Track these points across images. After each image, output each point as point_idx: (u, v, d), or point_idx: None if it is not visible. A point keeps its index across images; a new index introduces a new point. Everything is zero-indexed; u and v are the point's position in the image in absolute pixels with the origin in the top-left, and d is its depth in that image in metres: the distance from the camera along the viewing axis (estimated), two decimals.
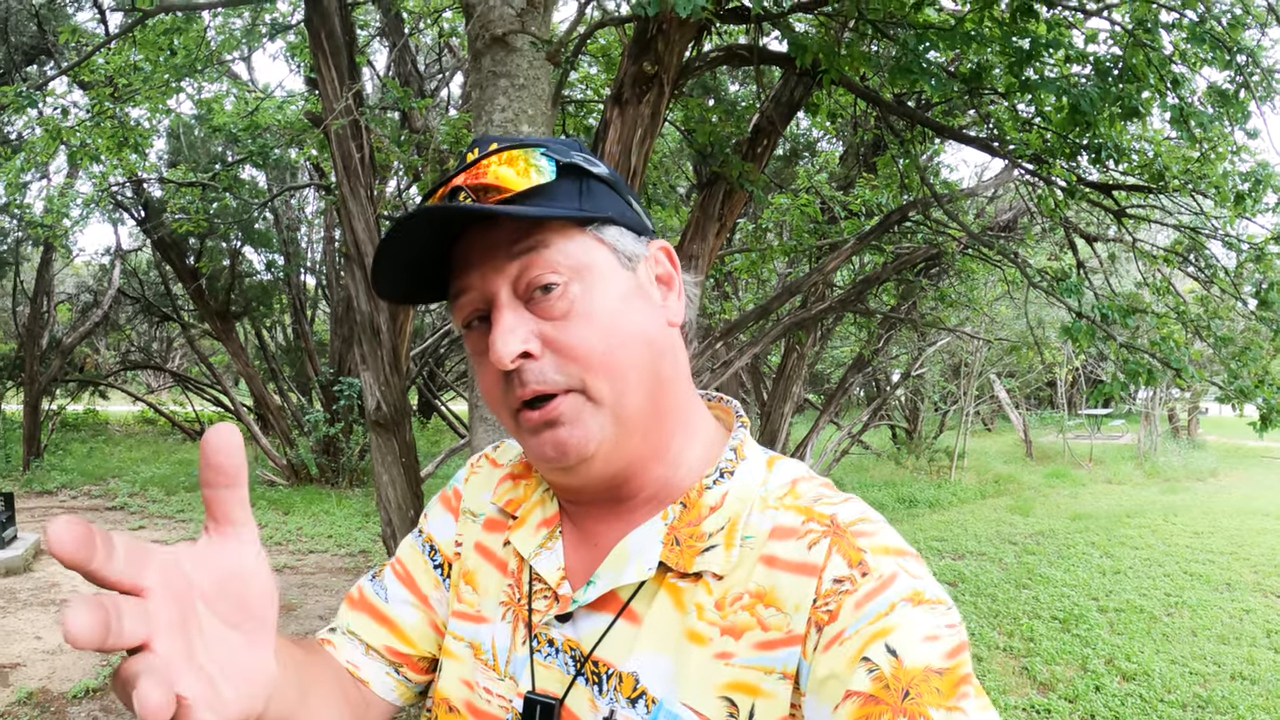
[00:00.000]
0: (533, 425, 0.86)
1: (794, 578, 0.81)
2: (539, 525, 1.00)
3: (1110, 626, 7.12)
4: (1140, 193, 5.40)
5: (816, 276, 7.49)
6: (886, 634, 0.74)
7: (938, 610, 0.76)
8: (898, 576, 0.78)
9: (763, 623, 0.81)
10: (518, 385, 0.85)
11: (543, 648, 0.92)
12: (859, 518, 0.84)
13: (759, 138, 5.93)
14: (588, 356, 0.84)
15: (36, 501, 11.90)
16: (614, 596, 0.89)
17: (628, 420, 0.87)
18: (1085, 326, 4.47)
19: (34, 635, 6.57)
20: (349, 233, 4.81)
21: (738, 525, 0.87)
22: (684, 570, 0.86)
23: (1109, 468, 16.90)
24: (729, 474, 0.92)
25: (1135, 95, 3.86)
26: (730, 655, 0.81)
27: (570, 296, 0.85)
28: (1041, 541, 10.44)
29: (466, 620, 1.01)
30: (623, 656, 0.86)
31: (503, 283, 0.85)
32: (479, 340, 0.89)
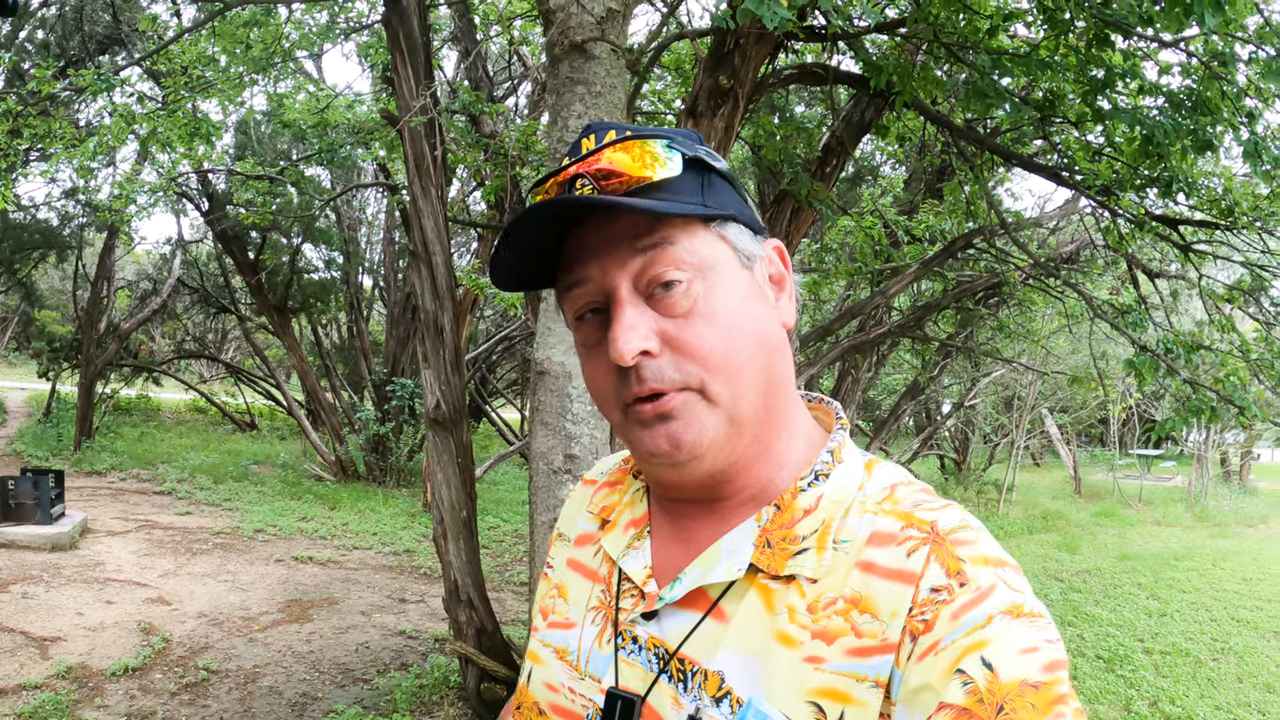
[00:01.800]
0: (645, 418, 0.84)
1: (890, 585, 0.79)
2: (628, 526, 1.01)
3: (1155, 669, 6.99)
4: (1208, 229, 5.33)
5: (878, 300, 7.47)
6: (982, 646, 0.72)
7: (1037, 624, 0.74)
8: (996, 588, 0.75)
9: (857, 629, 0.79)
10: (634, 382, 0.83)
11: (627, 645, 0.92)
12: (959, 525, 0.81)
13: (829, 157, 5.93)
14: (708, 357, 0.83)
15: (85, 481, 12.14)
16: (702, 595, 0.88)
17: (740, 421, 0.86)
18: (1149, 360, 4.42)
19: (76, 611, 6.68)
20: (418, 231, 4.86)
21: (830, 529, 0.85)
22: (775, 572, 0.85)
23: (1158, 509, 16.59)
24: (824, 476, 0.90)
25: (1209, 128, 3.82)
26: (821, 660, 0.79)
27: (693, 295, 0.83)
28: (1088, 580, 10.27)
29: (555, 628, 1.02)
30: (709, 655, 0.84)
31: (624, 277, 0.84)
32: (592, 333, 0.88)
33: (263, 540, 9.67)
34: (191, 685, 5.56)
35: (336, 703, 5.50)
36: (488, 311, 18.54)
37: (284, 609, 7.27)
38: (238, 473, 13.24)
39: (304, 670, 5.99)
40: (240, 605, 7.25)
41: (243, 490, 12.22)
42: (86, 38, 13.42)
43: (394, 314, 14.50)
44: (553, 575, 1.11)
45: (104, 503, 10.92)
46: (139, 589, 7.43)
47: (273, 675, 5.86)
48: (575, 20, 4.03)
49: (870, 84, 4.69)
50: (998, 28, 4.56)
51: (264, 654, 6.22)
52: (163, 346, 23.54)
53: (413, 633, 6.95)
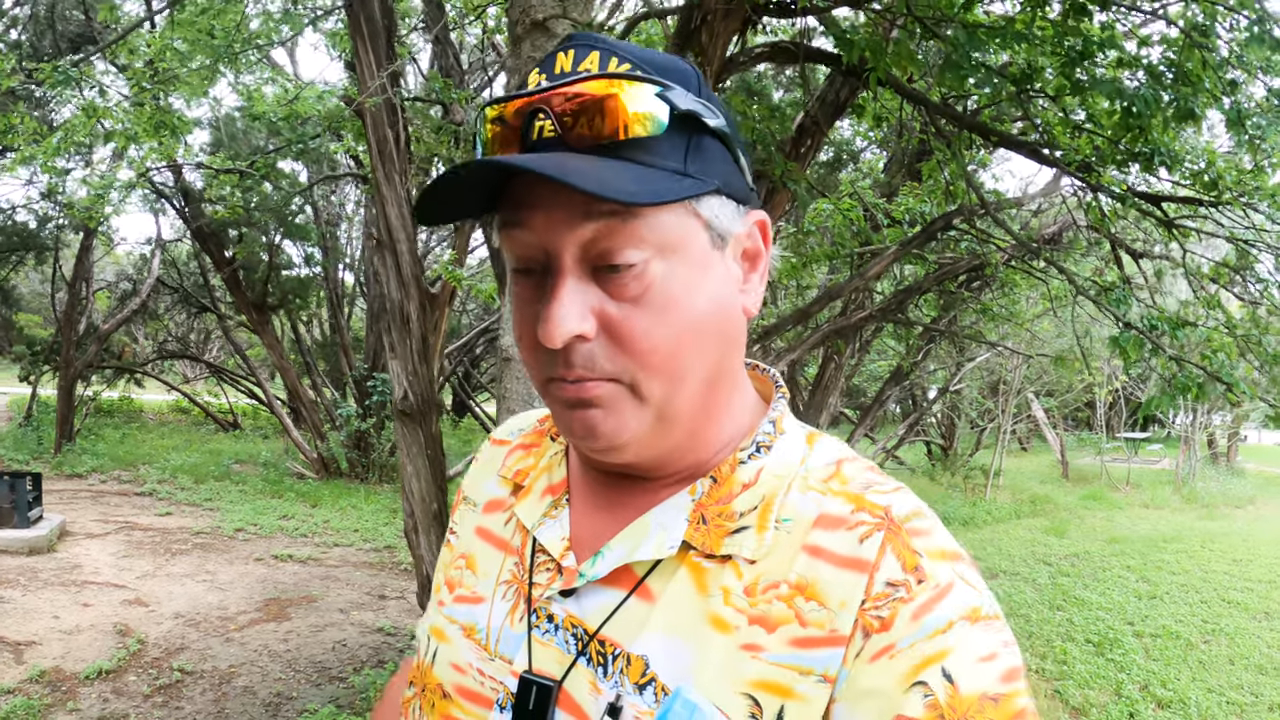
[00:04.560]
0: (565, 398, 0.76)
1: (840, 572, 0.73)
2: (544, 492, 0.91)
3: (1146, 652, 6.94)
4: (1191, 205, 5.25)
5: (858, 282, 7.38)
6: (943, 657, 0.68)
7: (994, 627, 0.71)
8: (954, 586, 0.71)
9: (801, 617, 0.73)
10: (560, 364, 0.74)
11: (541, 624, 0.83)
12: (913, 512, 0.76)
13: (803, 137, 5.84)
14: (648, 354, 0.73)
15: (66, 484, 12.00)
16: (627, 572, 0.80)
17: (672, 418, 0.77)
18: (1134, 338, 4.33)
19: (52, 615, 6.58)
20: (381, 218, 4.76)
21: (772, 507, 0.78)
22: (710, 551, 0.77)
23: (1146, 492, 16.60)
24: (766, 449, 0.82)
25: (1191, 97, 3.72)
26: (760, 648, 0.73)
27: (646, 280, 0.72)
28: (1076, 563, 10.24)
29: (462, 603, 0.92)
30: (632, 637, 0.77)
31: (572, 243, 0.71)
32: (527, 289, 0.76)
33: (243, 539, 9.56)
34: (166, 687, 5.47)
35: (310, 702, 5.41)
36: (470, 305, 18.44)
37: (262, 608, 7.17)
38: (219, 472, 13.13)
39: (280, 669, 5.90)
40: (218, 605, 7.15)
41: (224, 490, 12.12)
42: (59, 36, 13.26)
43: (374, 309, 14.39)
44: (457, 543, 1.00)
45: (84, 505, 10.76)
46: (116, 591, 7.32)
47: (248, 675, 5.76)
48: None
49: (842, 60, 4.60)
50: (972, 1, 4.47)
51: (240, 654, 6.12)
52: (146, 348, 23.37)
53: (390, 629, 6.86)
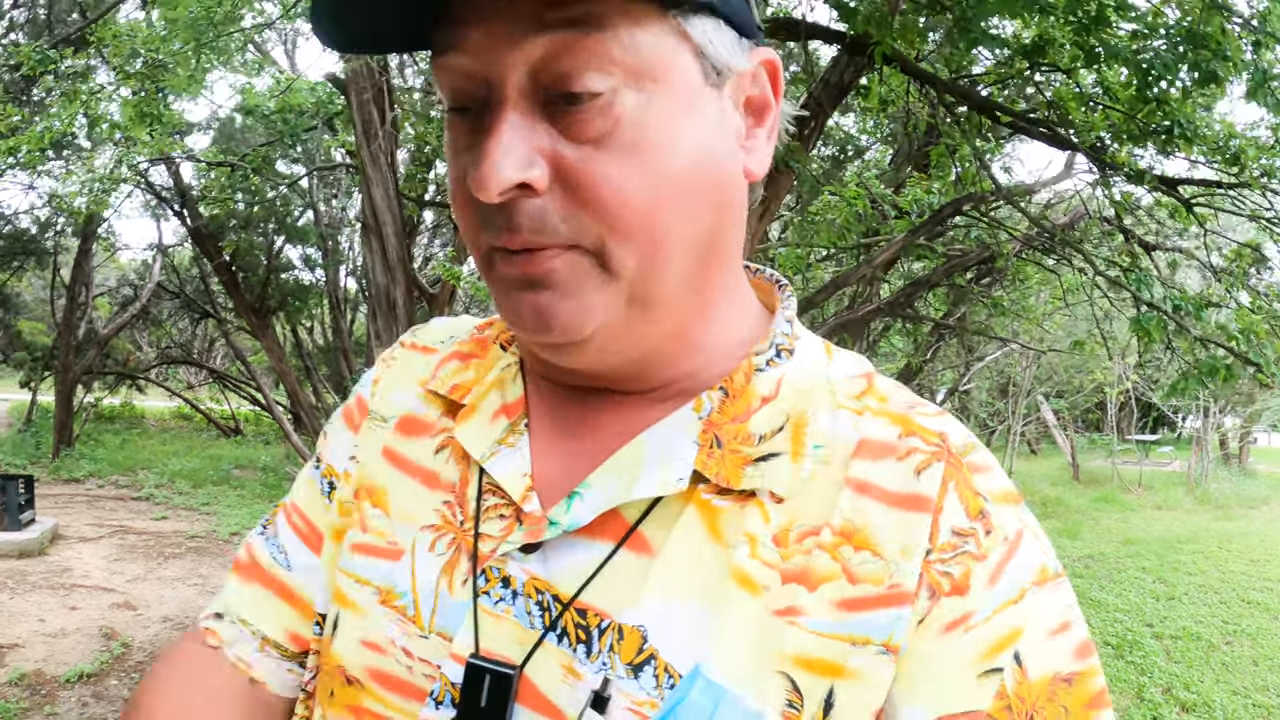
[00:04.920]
0: (510, 277, 0.57)
1: (896, 513, 0.58)
2: (496, 414, 0.68)
3: (1167, 654, 6.76)
4: (1210, 186, 5.07)
5: (865, 269, 7.21)
6: (1017, 637, 0.57)
7: (1061, 587, 0.60)
8: (1023, 539, 0.59)
9: (849, 572, 0.57)
10: (503, 226, 0.55)
11: (493, 587, 0.62)
12: (970, 444, 0.62)
13: (806, 118, 5.66)
14: (617, 208, 0.54)
15: (62, 489, 11.94)
16: (614, 517, 0.60)
17: (651, 304, 0.58)
18: (1156, 318, 4.13)
19: (38, 618, 6.46)
20: (367, 201, 4.61)
21: (805, 425, 0.61)
22: (727, 484, 0.59)
23: (1159, 493, 16.39)
24: (787, 353, 0.65)
25: (1212, 60, 3.52)
26: (799, 613, 0.56)
27: (616, 112, 0.54)
28: (1091, 565, 10.04)
29: (371, 554, 0.68)
30: (623, 603, 0.58)
31: (517, 64, 0.53)
32: (461, 134, 0.57)
33: (238, 543, 9.40)
34: None
35: None
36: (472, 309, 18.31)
37: None
38: (218, 477, 13.02)
39: None
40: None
41: (222, 494, 12.03)
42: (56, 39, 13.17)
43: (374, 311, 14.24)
44: (352, 470, 0.75)
45: (79, 509, 10.65)
46: (105, 594, 7.20)
47: None
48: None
49: (846, 36, 4.43)
50: None
51: None
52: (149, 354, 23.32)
53: None
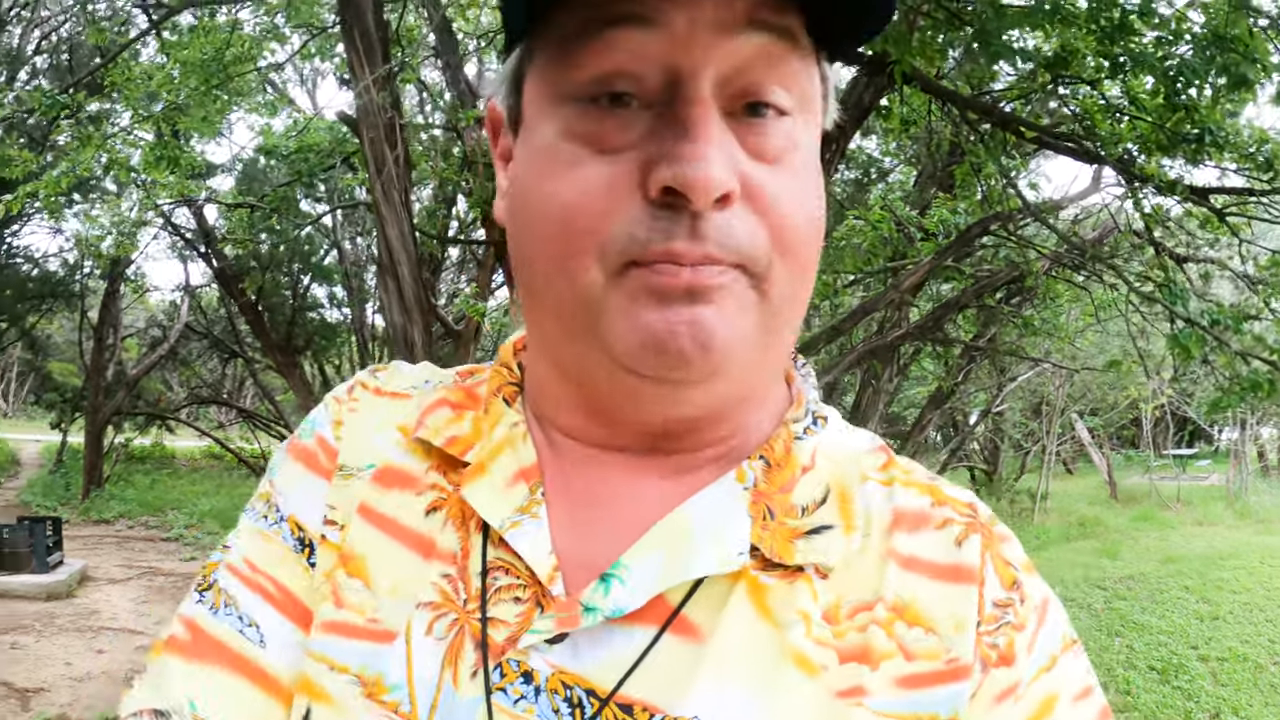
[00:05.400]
0: (667, 289, 0.50)
1: (943, 586, 0.57)
2: (514, 478, 0.59)
3: (1214, 677, 6.58)
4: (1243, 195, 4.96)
5: (892, 294, 7.10)
6: (1054, 705, 0.57)
7: (1080, 654, 0.61)
8: (1049, 606, 0.60)
9: (905, 649, 0.55)
10: (684, 234, 0.49)
11: (511, 681, 0.54)
12: (992, 515, 0.62)
13: (827, 143, 5.57)
14: (792, 230, 0.52)
15: (92, 530, 12.01)
16: (654, 599, 0.54)
17: (776, 332, 0.55)
18: (1195, 334, 4.01)
19: (64, 661, 6.46)
20: (382, 239, 4.58)
21: (851, 498, 0.59)
22: (779, 559, 0.55)
23: (1198, 509, 16.08)
24: (823, 420, 0.64)
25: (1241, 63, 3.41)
26: (863, 693, 0.53)
27: (793, 134, 0.53)
28: (1132, 586, 9.82)
29: (347, 635, 0.59)
30: (674, 694, 0.52)
31: (717, 64, 0.49)
32: (606, 127, 0.51)
33: None
34: None
35: None
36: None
37: None
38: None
39: None
40: None
41: None
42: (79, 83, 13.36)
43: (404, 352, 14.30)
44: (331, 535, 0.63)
45: (108, 551, 10.68)
46: (133, 637, 7.17)
47: None
48: None
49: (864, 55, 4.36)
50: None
51: None
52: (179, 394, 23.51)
53: None
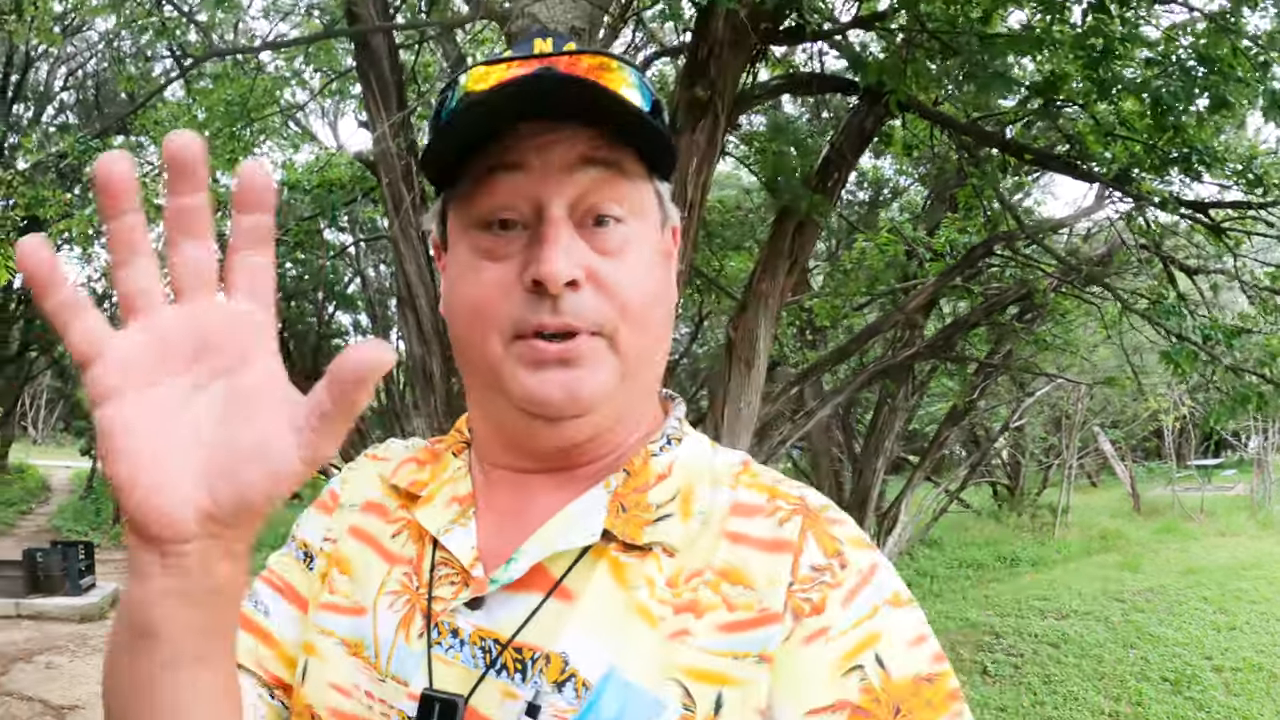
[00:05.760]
0: (542, 357, 0.73)
1: (765, 555, 0.74)
2: (449, 502, 0.84)
3: (1226, 687, 6.59)
4: (1241, 208, 5.04)
5: (897, 316, 7.20)
6: (874, 642, 0.71)
7: (915, 610, 0.75)
8: (877, 571, 0.75)
9: (729, 602, 0.73)
10: (548, 311, 0.72)
11: (444, 639, 0.77)
12: (827, 504, 0.79)
13: (829, 170, 5.69)
14: (627, 304, 0.75)
15: (123, 554, 12.07)
16: (542, 574, 0.76)
17: (632, 380, 0.78)
18: (1186, 350, 4.11)
19: (98, 680, 6.57)
20: (400, 274, 4.75)
21: (692, 496, 0.79)
22: (631, 541, 0.76)
23: (1221, 519, 15.96)
24: (676, 441, 0.83)
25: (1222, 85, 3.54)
26: (689, 634, 0.72)
27: (626, 234, 0.76)
28: (1151, 598, 9.80)
29: (338, 613, 0.84)
30: (551, 638, 0.73)
31: (565, 194, 0.74)
32: (498, 245, 0.75)
33: None
34: None
35: None
36: None
37: None
38: (274, 539, 13.06)
39: None
40: None
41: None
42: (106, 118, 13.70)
43: None
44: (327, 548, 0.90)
45: None
46: None
47: None
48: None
49: (859, 85, 4.50)
50: (990, 14, 4.35)
51: None
52: None
53: None
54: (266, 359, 0.53)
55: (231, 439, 0.51)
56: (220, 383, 0.53)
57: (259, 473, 0.50)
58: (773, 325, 5.51)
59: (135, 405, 0.51)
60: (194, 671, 0.59)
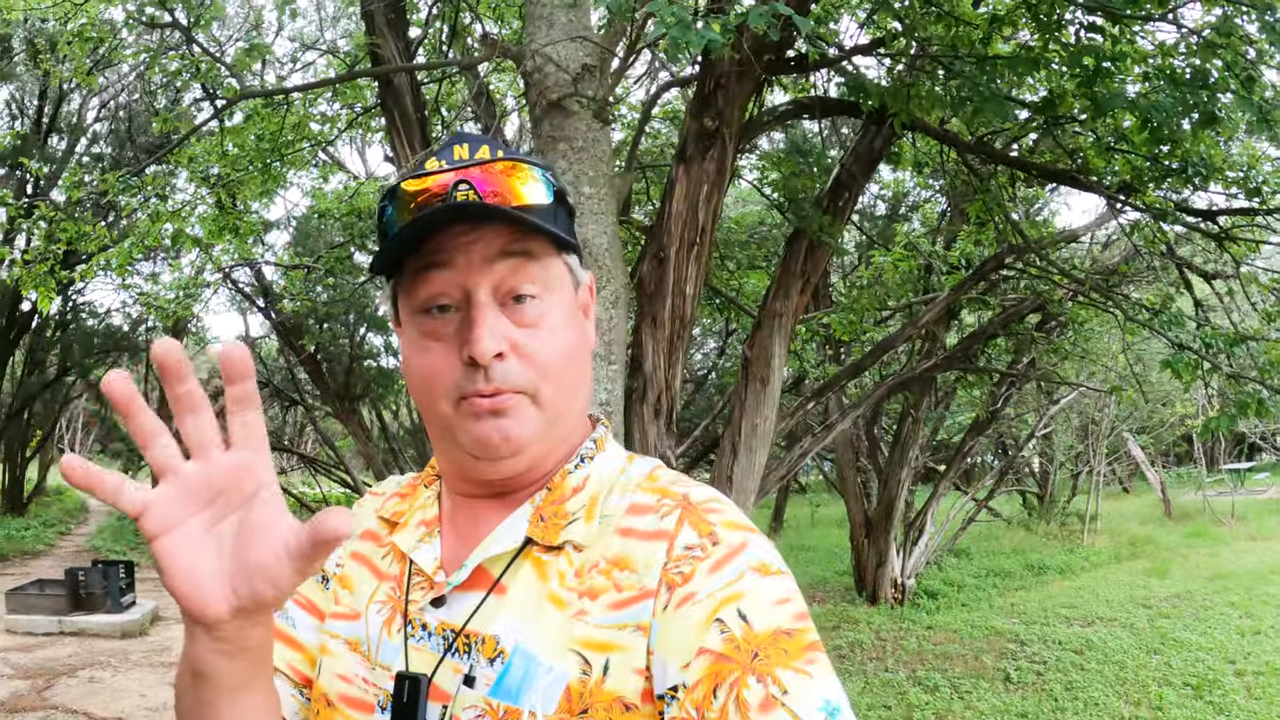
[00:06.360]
0: (479, 411, 0.91)
1: (646, 544, 0.90)
2: (419, 524, 1.06)
3: (1247, 691, 6.58)
4: (1247, 215, 5.10)
5: (911, 330, 7.30)
6: (738, 599, 0.83)
7: (784, 579, 0.86)
8: (747, 546, 0.88)
9: (617, 584, 0.89)
10: (482, 380, 0.90)
11: (416, 633, 0.97)
12: (710, 497, 0.94)
13: (840, 190, 5.82)
14: (546, 367, 0.92)
15: None
16: (485, 575, 0.95)
17: (555, 423, 0.96)
18: (1186, 358, 4.21)
19: (139, 693, 6.83)
20: None
21: (598, 502, 0.96)
22: (549, 543, 0.94)
23: (1252, 523, 15.82)
24: (589, 459, 1.01)
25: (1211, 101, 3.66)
26: (585, 614, 0.88)
27: (541, 309, 0.93)
28: (1178, 604, 9.79)
29: (342, 619, 1.06)
30: (489, 624, 0.92)
31: (487, 281, 0.91)
32: (440, 327, 0.93)
33: None
34: None
35: None
36: None
37: None
38: None
39: None
40: None
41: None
42: (139, 149, 14.02)
43: None
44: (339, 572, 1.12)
45: None
46: None
47: None
48: (551, 79, 4.07)
49: (861, 109, 4.63)
50: (990, 35, 4.47)
51: None
52: None
53: None
54: (266, 494, 0.73)
55: (244, 559, 0.71)
56: (234, 516, 0.73)
57: (264, 583, 0.70)
58: (786, 343, 5.64)
59: (173, 541, 0.71)
60: (238, 696, 0.83)
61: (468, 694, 0.90)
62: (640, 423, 4.65)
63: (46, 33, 12.80)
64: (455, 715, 0.90)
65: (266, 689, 0.88)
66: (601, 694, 0.85)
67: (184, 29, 5.62)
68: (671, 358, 4.65)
